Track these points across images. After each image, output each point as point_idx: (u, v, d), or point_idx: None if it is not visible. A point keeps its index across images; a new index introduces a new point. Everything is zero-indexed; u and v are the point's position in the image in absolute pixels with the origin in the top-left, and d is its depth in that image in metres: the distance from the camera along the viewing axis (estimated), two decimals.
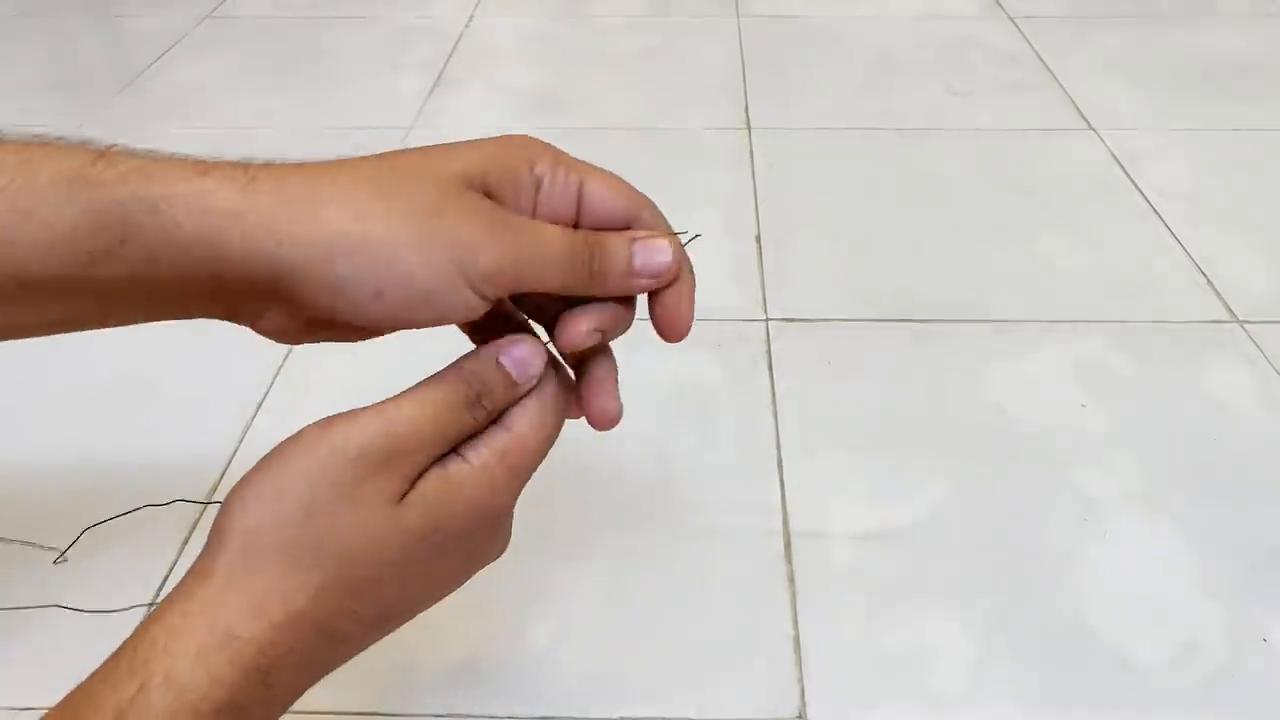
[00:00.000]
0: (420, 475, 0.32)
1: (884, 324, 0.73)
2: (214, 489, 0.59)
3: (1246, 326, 0.72)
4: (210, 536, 0.32)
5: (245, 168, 0.32)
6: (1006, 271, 0.79)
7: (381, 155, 0.35)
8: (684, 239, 0.39)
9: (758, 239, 0.83)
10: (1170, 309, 0.75)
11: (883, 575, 0.55)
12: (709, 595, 0.54)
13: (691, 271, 0.38)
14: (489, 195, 0.34)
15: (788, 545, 0.56)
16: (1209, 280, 0.77)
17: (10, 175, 0.31)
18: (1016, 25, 1.22)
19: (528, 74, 1.13)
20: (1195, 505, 0.59)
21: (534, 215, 0.35)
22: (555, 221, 0.36)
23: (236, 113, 1.04)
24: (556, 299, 0.36)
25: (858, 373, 0.69)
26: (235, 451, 0.62)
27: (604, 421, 0.37)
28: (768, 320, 0.73)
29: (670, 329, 0.38)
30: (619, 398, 0.38)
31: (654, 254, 0.37)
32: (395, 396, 0.33)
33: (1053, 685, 0.49)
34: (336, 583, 0.31)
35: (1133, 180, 0.90)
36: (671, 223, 0.39)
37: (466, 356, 0.35)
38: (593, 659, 0.50)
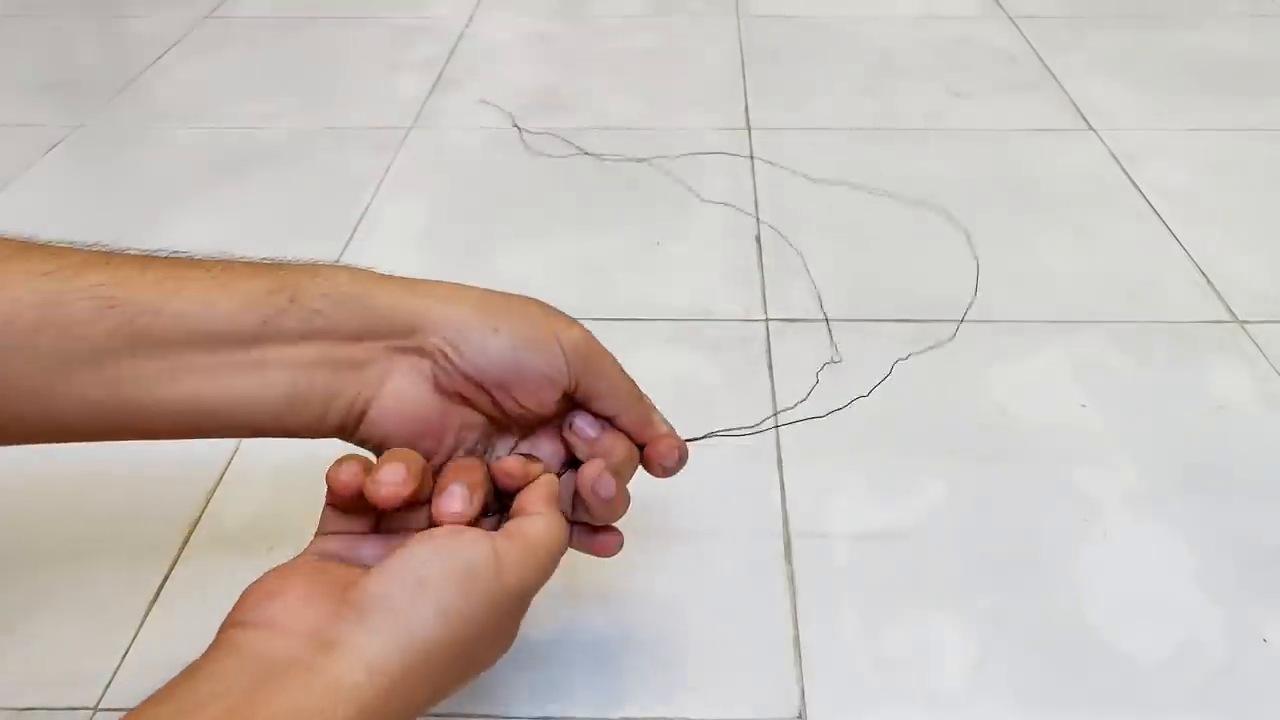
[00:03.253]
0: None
1: (884, 324, 0.73)
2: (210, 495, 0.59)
3: (1246, 326, 0.72)
4: (375, 617, 0.34)
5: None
6: (1006, 271, 0.79)
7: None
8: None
9: (758, 239, 0.83)
10: (1170, 309, 0.75)
11: (883, 575, 0.55)
12: (709, 595, 0.54)
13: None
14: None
15: (788, 545, 0.56)
16: (1209, 280, 0.77)
17: (213, 265, 0.39)
18: (1016, 25, 1.22)
19: (528, 74, 1.13)
20: (1195, 505, 0.59)
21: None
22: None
23: (236, 113, 1.04)
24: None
25: (858, 373, 0.69)
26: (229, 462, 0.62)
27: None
28: (768, 320, 0.73)
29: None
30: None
31: (671, 447, 0.46)
32: (530, 526, 0.39)
33: (1053, 685, 0.49)
34: (461, 680, 0.38)
35: (1133, 180, 0.90)
36: (671, 229, 0.41)
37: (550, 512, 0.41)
38: (593, 659, 0.50)
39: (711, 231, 0.83)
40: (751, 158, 0.94)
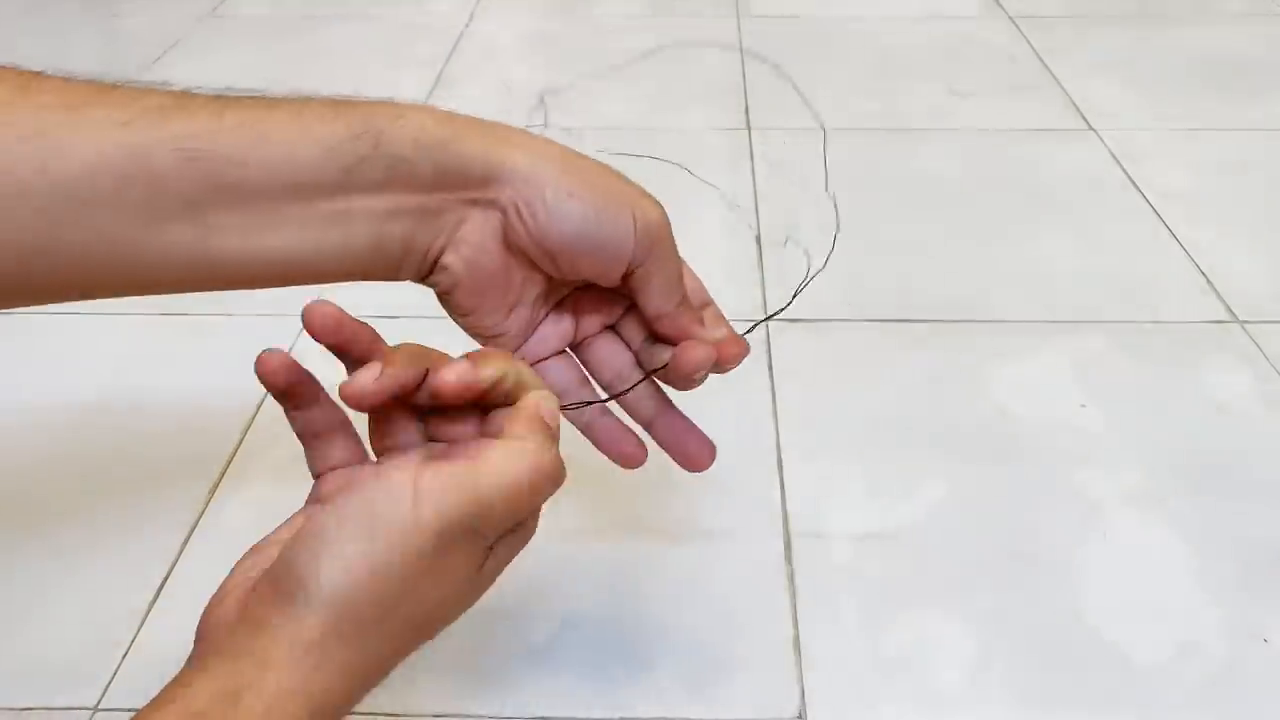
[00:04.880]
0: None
1: (884, 324, 0.73)
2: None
3: (1246, 326, 0.72)
4: (286, 584, 0.33)
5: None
6: (1006, 271, 0.79)
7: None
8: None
9: (758, 239, 0.82)
10: (1170, 309, 0.74)
11: (883, 575, 0.55)
12: (709, 595, 0.54)
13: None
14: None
15: (788, 545, 0.56)
16: (1209, 280, 0.77)
17: (287, 106, 0.38)
18: (1016, 25, 1.22)
19: (528, 73, 1.13)
20: (1195, 505, 0.59)
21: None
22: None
23: None
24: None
25: (858, 373, 0.69)
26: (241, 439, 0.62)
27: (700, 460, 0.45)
28: (768, 320, 0.73)
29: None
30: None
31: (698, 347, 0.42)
32: (478, 451, 0.35)
33: (1053, 685, 0.49)
34: (408, 635, 0.35)
35: (1133, 180, 0.90)
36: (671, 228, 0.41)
37: (534, 407, 0.37)
38: (593, 659, 0.50)
39: (711, 231, 0.83)
40: (751, 157, 0.94)
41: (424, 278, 0.40)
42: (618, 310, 0.44)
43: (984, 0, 1.29)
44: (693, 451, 0.45)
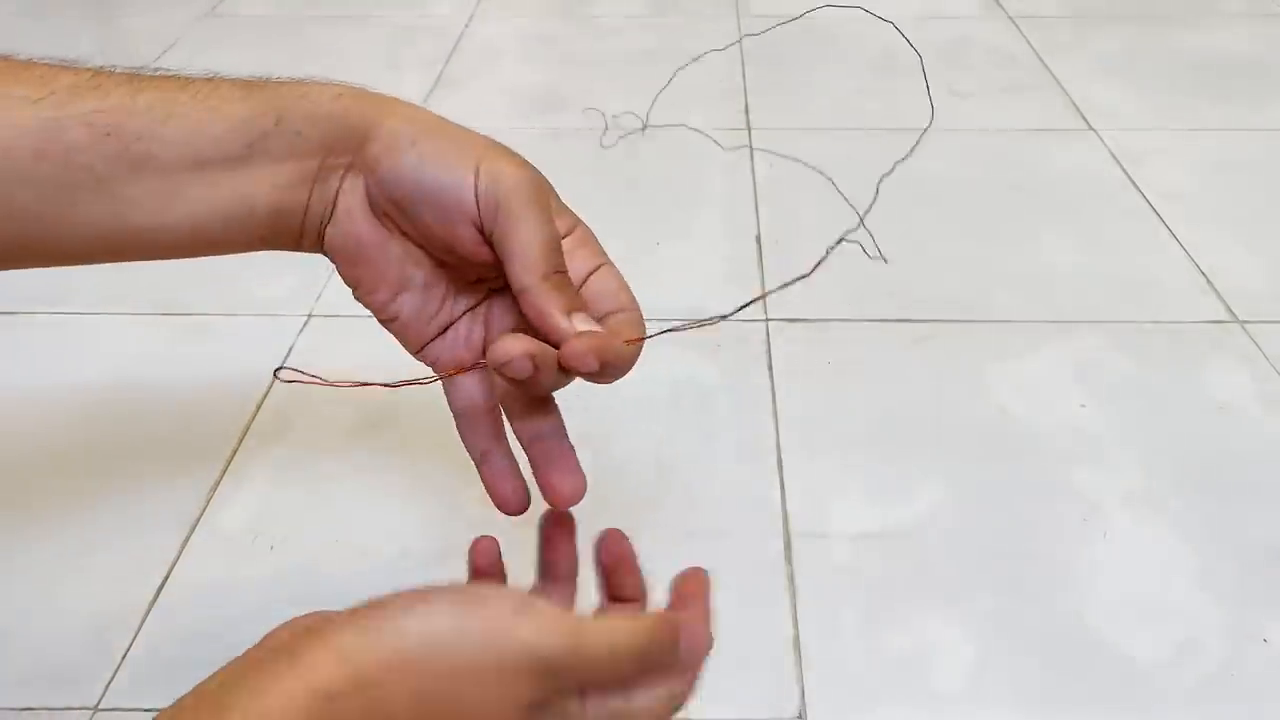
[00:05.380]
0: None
1: (884, 324, 0.73)
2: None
3: (1246, 326, 0.72)
4: (362, 614, 0.31)
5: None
6: (1006, 271, 0.79)
7: None
8: None
9: (758, 239, 0.82)
10: (1170, 309, 0.74)
11: (883, 575, 0.55)
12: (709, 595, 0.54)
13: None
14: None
15: (788, 545, 0.56)
16: (1209, 280, 0.77)
17: (199, 85, 0.39)
18: (1016, 25, 1.22)
19: (528, 74, 1.13)
20: (1195, 505, 0.59)
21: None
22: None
23: None
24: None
25: (858, 373, 0.69)
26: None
27: (566, 498, 0.40)
28: (768, 320, 0.73)
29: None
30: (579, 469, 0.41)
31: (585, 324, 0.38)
32: (595, 617, 0.35)
33: (1053, 685, 0.49)
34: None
35: (1133, 180, 0.90)
36: (671, 229, 0.41)
37: (659, 617, 0.35)
38: None
39: (711, 231, 0.83)
40: (751, 157, 0.94)
41: (320, 249, 0.41)
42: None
43: (984, 0, 1.29)
44: (554, 481, 0.40)
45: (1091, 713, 0.48)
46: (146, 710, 0.47)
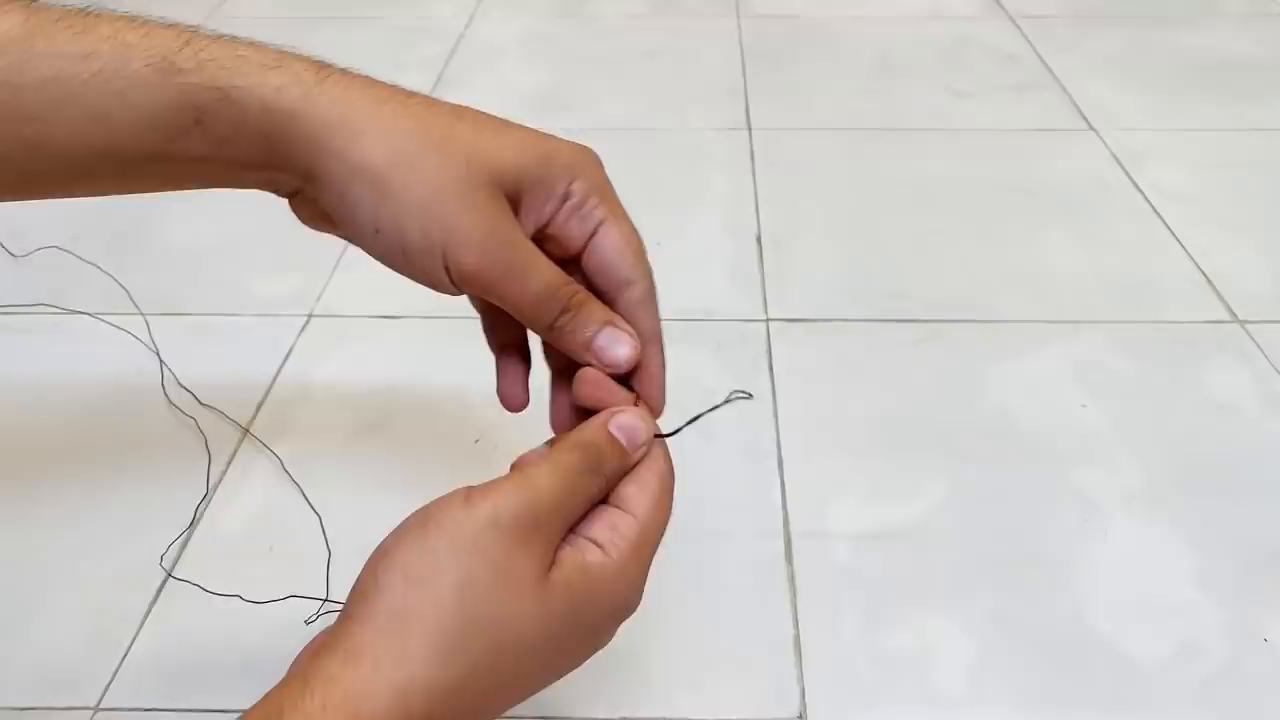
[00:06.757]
0: (559, 545, 0.33)
1: (884, 324, 0.73)
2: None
3: (1246, 326, 0.72)
4: (354, 605, 0.31)
5: (318, 69, 0.36)
6: (1006, 271, 0.79)
7: (446, 108, 0.38)
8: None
9: (758, 239, 0.82)
10: (1170, 309, 0.74)
11: (883, 575, 0.55)
12: (709, 595, 0.54)
13: (662, 365, 0.40)
14: (517, 193, 0.36)
15: (788, 545, 0.56)
16: (1209, 280, 0.77)
17: (105, 59, 0.34)
18: (1017, 25, 1.22)
19: (528, 74, 1.13)
20: (1195, 505, 0.59)
21: (548, 227, 0.37)
22: (561, 242, 0.38)
23: None
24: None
25: (858, 373, 0.69)
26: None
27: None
28: (768, 320, 0.73)
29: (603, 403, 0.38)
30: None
31: (616, 344, 0.37)
32: (525, 465, 0.34)
33: (1053, 685, 0.49)
34: (481, 675, 0.31)
35: (1133, 180, 0.90)
36: (671, 228, 0.40)
37: (580, 429, 0.36)
38: (593, 659, 0.50)
39: (712, 231, 0.83)
40: (751, 157, 0.94)
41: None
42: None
43: (984, 0, 1.29)
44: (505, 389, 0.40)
45: (1091, 713, 0.48)
46: (146, 710, 0.47)
